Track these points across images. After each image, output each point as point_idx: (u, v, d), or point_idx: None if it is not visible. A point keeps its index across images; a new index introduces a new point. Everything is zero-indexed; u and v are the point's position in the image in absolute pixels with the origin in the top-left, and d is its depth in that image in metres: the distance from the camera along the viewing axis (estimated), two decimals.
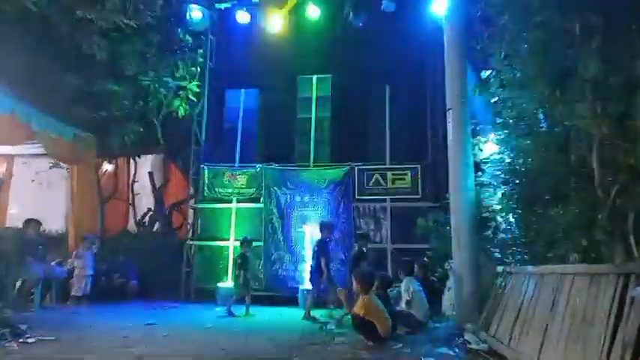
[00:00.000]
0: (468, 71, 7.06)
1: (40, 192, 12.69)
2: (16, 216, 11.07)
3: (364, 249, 8.71)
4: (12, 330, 5.68)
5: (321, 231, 8.87)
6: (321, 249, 8.48)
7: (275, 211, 11.10)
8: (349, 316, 6.57)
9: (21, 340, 5.52)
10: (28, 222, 8.68)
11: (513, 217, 6.09)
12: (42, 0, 7.42)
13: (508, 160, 6.34)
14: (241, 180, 11.51)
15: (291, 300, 10.06)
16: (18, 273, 7.83)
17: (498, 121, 6.26)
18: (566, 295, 3.91)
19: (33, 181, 12.50)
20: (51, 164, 11.56)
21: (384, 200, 10.88)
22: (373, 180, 10.91)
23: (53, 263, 9.03)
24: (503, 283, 5.83)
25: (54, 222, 11.56)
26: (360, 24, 10.60)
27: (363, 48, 11.21)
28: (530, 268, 5.04)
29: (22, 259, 7.94)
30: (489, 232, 7.33)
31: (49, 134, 8.99)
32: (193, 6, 10.93)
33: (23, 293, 7.95)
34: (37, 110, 8.57)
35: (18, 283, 7.88)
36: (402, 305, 6.85)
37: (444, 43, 7.38)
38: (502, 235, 6.88)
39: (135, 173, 13.62)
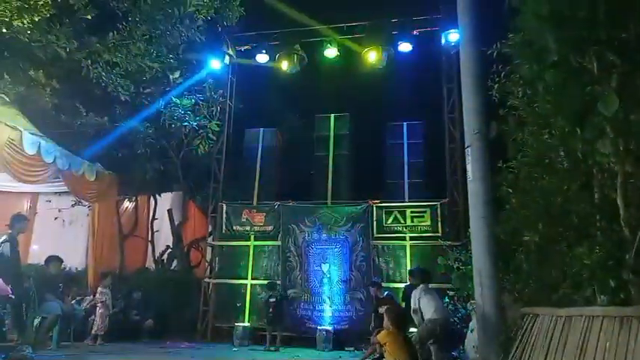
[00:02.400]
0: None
1: (61, 229, 12.87)
2: (38, 253, 11.23)
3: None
4: None
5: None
6: None
7: (293, 248, 11.04)
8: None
9: None
10: (50, 259, 8.76)
11: (537, 257, 5.92)
12: (72, 46, 7.73)
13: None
14: (259, 217, 11.52)
15: (308, 341, 9.88)
16: (37, 310, 7.86)
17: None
18: (596, 339, 3.75)
19: (56, 218, 12.71)
20: (73, 202, 11.76)
21: (404, 238, 10.75)
22: (392, 218, 10.79)
23: (73, 302, 9.06)
24: (528, 326, 5.63)
25: (75, 259, 11.65)
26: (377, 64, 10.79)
27: (380, 85, 11.35)
28: (556, 309, 4.87)
29: (42, 297, 7.99)
30: (513, 272, 7.13)
31: (73, 172, 9.19)
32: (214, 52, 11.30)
33: (42, 331, 7.95)
34: (61, 149, 8.81)
35: (37, 321, 7.89)
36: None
37: (461, 80, 7.41)
38: (526, 276, 6.69)
39: (155, 211, 13.77)
